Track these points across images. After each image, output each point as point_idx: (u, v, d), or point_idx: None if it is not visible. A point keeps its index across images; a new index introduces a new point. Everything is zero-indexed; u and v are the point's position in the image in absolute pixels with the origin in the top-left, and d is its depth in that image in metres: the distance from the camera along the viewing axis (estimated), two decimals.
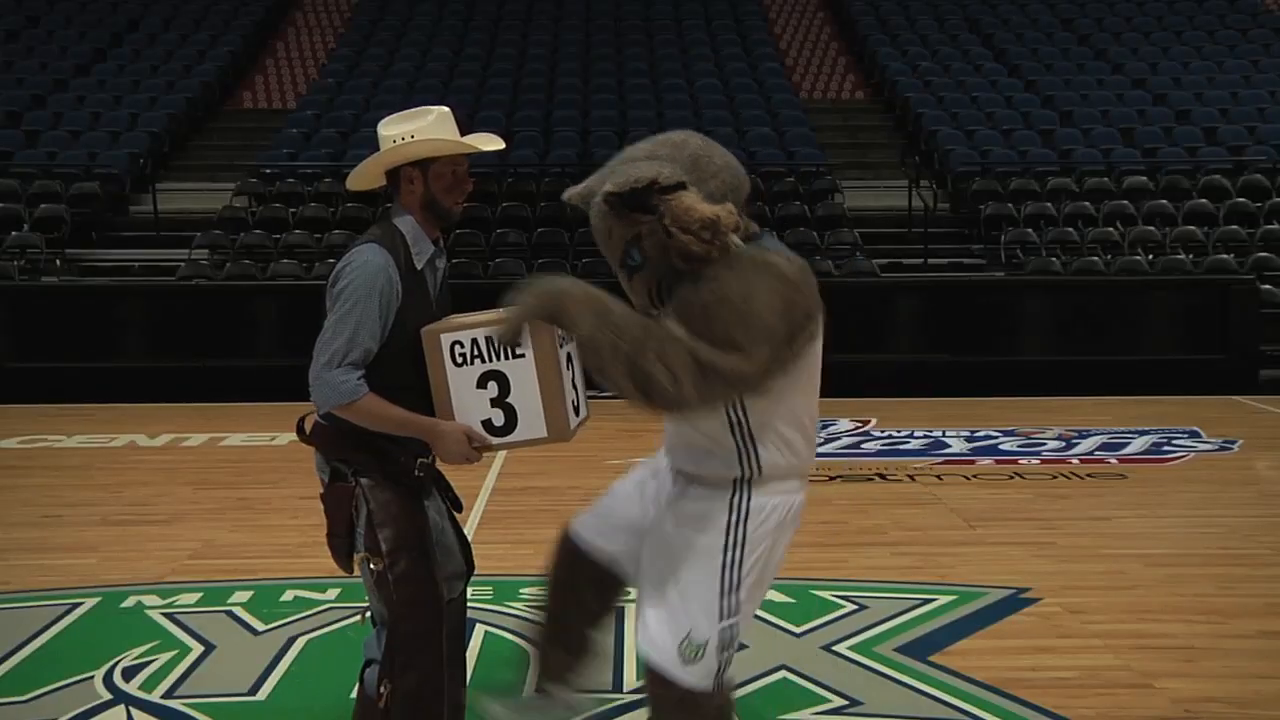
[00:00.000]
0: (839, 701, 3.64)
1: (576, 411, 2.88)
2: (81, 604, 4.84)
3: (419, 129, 2.90)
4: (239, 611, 4.73)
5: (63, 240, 13.40)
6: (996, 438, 8.60)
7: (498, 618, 4.63)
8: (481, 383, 2.78)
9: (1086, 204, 13.94)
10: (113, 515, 6.55)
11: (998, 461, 7.87)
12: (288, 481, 7.44)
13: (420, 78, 17.99)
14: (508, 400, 2.78)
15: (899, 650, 4.28)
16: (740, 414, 2.60)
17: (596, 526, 2.96)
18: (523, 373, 2.76)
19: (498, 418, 2.79)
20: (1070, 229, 13.54)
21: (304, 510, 6.49)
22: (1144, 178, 14.49)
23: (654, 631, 2.66)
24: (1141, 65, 18.20)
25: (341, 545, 2.99)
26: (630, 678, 4.01)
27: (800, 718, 3.67)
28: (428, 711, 2.90)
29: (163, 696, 3.85)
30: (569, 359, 2.82)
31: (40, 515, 6.54)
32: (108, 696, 3.85)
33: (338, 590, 4.91)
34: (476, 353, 2.78)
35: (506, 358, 2.76)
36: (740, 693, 3.85)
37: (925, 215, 13.72)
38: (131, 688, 3.92)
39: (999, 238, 13.42)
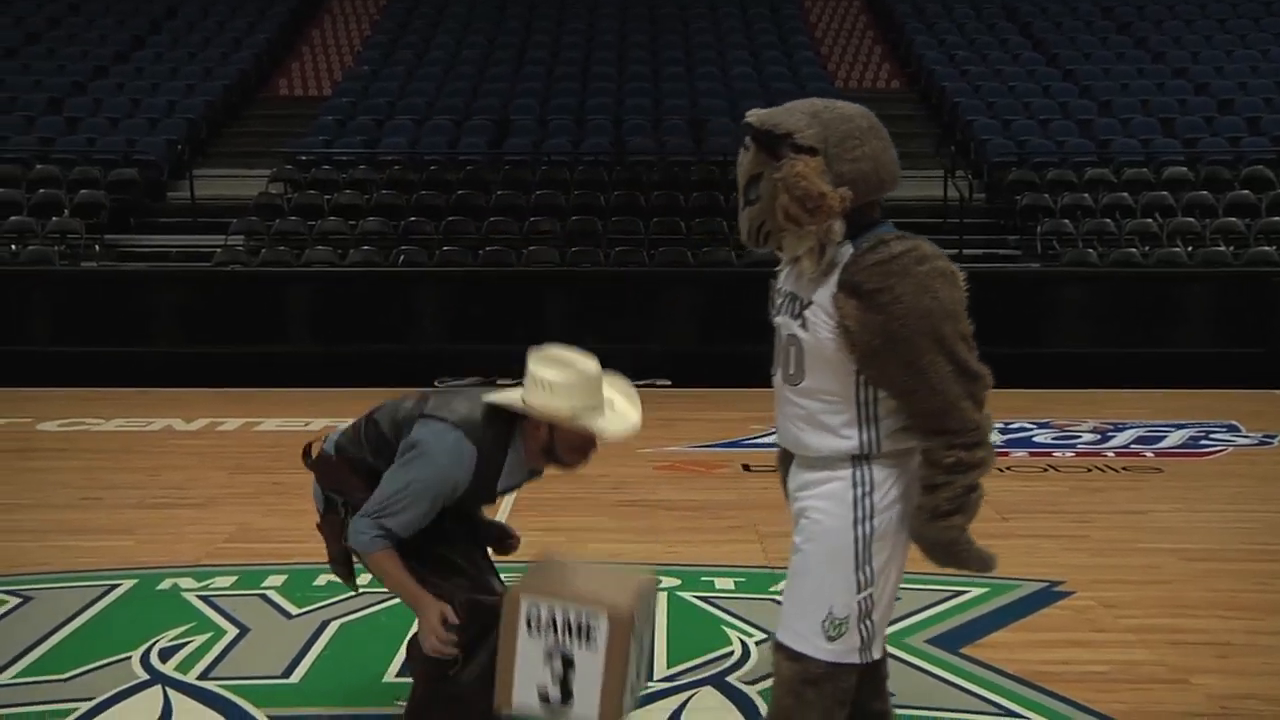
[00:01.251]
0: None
1: (633, 692, 2.91)
2: (119, 585, 4.91)
3: (560, 383, 2.89)
4: (273, 595, 4.78)
5: (102, 226, 13.54)
6: (1030, 430, 8.54)
7: None
8: (548, 657, 2.81)
9: (1125, 195, 13.79)
10: (150, 498, 6.62)
11: (1031, 454, 7.82)
12: None
13: (455, 65, 18.03)
14: (568, 682, 2.81)
15: (930, 642, 4.27)
16: (865, 391, 2.61)
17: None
18: (590, 664, 2.78)
19: (554, 693, 2.82)
20: (1108, 220, 13.40)
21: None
22: (1184, 168, 14.32)
23: (795, 613, 2.69)
24: (1183, 54, 17.96)
25: (341, 570, 3.11)
26: (660, 665, 4.02)
27: None
28: (475, 704, 2.93)
29: (198, 678, 3.90)
30: (638, 649, 2.87)
31: (79, 497, 6.62)
32: (145, 677, 3.90)
33: (370, 575, 4.94)
34: (552, 627, 2.79)
35: (579, 643, 2.78)
36: (771, 684, 3.86)
37: (961, 206, 13.63)
38: (168, 669, 3.97)
39: (1035, 229, 13.30)
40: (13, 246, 13.00)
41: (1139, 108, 16.10)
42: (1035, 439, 8.28)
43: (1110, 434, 8.47)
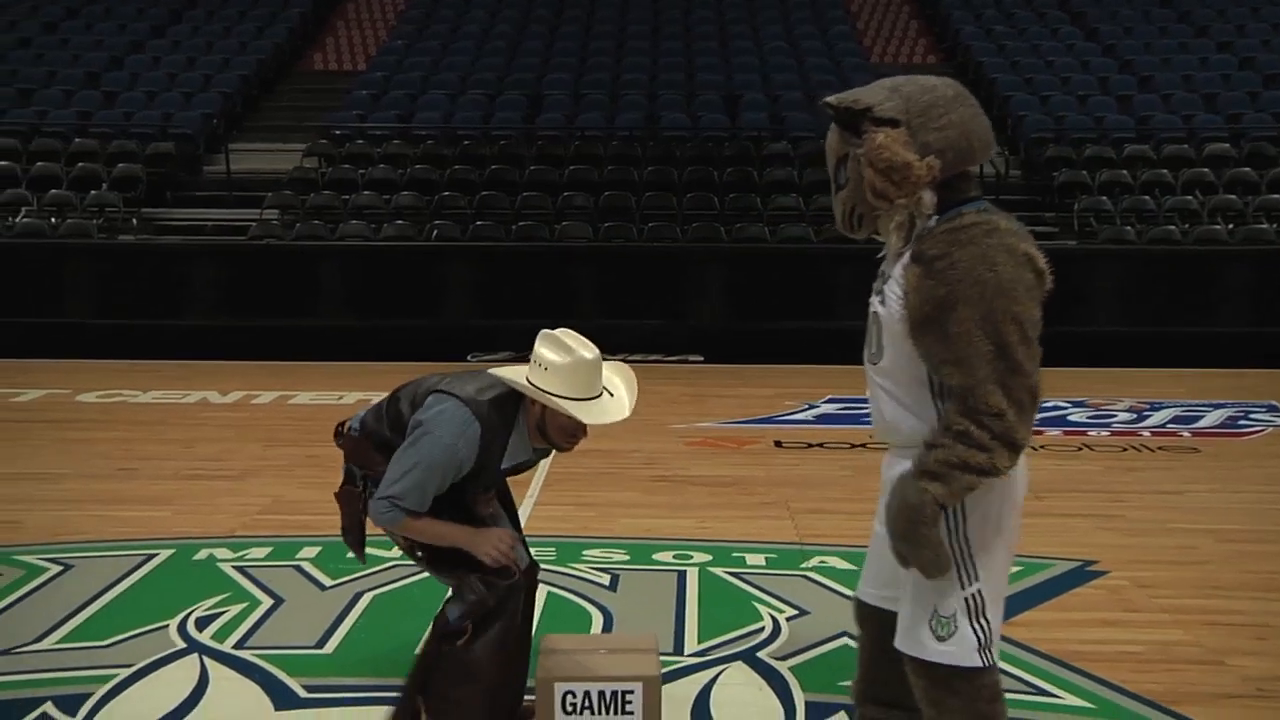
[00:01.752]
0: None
1: None
2: (156, 555, 4.97)
3: (555, 365, 2.91)
4: (307, 566, 4.82)
5: (139, 199, 13.65)
6: (1066, 409, 8.48)
7: (560, 578, 4.67)
8: None
9: (1164, 171, 13.62)
10: (186, 470, 6.70)
11: (1066, 433, 7.77)
12: None
13: (488, 40, 18.00)
14: None
15: None
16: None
17: (865, 577, 2.94)
18: None
19: None
20: (1147, 197, 13.24)
21: None
22: (1226, 144, 14.11)
23: (906, 617, 2.63)
24: (1228, 28, 17.67)
25: (353, 539, 3.22)
26: (691, 640, 4.04)
27: None
28: (484, 675, 2.95)
29: (234, 647, 3.95)
30: None
31: (117, 468, 6.71)
32: (182, 645, 3.96)
33: (399, 550, 4.98)
34: (587, 704, 2.94)
35: (616, 713, 2.93)
36: (801, 659, 3.87)
37: (997, 182, 13.50)
38: (204, 637, 4.03)
39: (1072, 206, 13.17)
40: (53, 220, 13.13)
41: (1181, 83, 15.87)
42: (1070, 418, 8.22)
43: (1146, 413, 8.40)
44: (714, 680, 3.69)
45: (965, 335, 2.41)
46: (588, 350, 2.95)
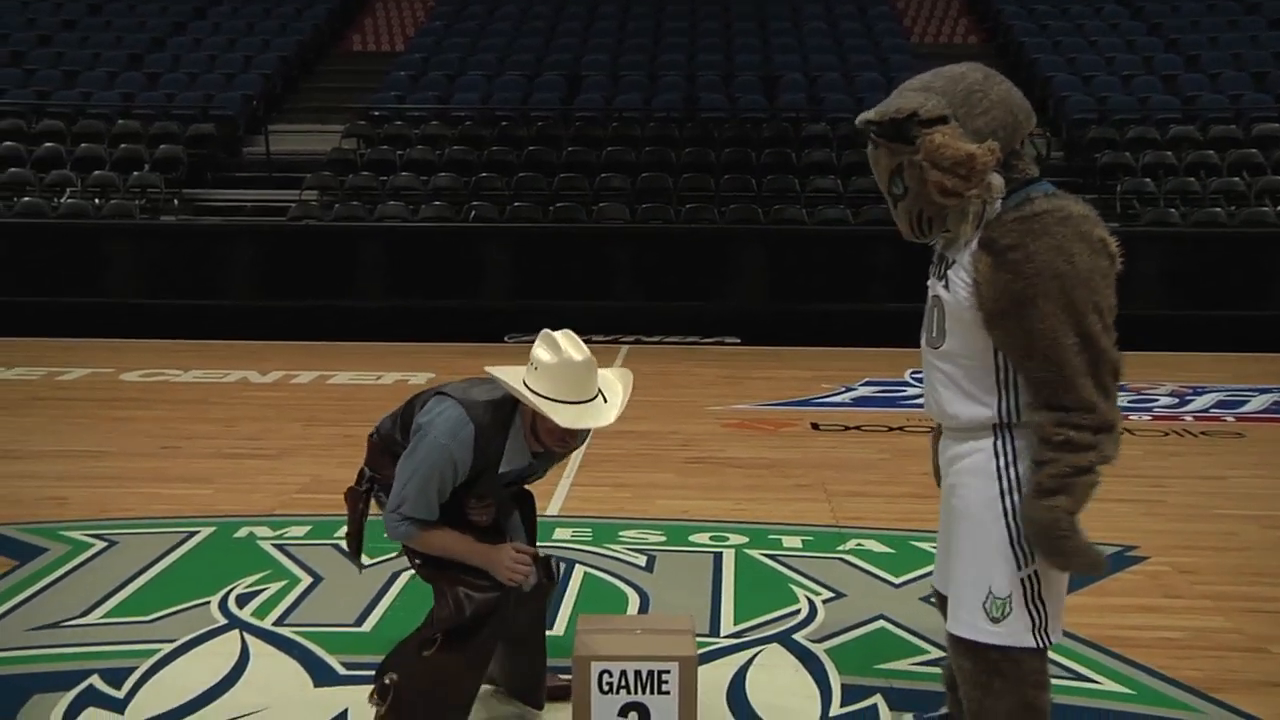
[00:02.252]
0: (937, 653, 3.62)
1: None
2: (198, 532, 5.03)
3: (544, 365, 2.87)
4: (345, 546, 4.83)
5: (180, 180, 13.77)
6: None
7: (596, 559, 4.69)
8: (623, 712, 2.93)
9: (1210, 153, 13.42)
10: (226, 448, 6.77)
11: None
12: None
13: (526, 20, 17.98)
14: None
15: None
16: (1003, 359, 2.54)
17: (937, 565, 2.96)
18: (665, 709, 2.92)
19: None
20: (1192, 179, 13.06)
21: None
22: (1276, 124, 13.87)
23: (957, 600, 2.64)
24: (1279, 4, 17.34)
25: (353, 544, 3.27)
26: (727, 622, 4.04)
27: (898, 667, 3.66)
28: (448, 689, 2.97)
29: (274, 624, 3.99)
30: None
31: (159, 446, 6.79)
32: (223, 621, 4.01)
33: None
34: (623, 683, 2.92)
35: (652, 692, 2.91)
36: (838, 641, 3.87)
37: (1039, 162, 13.33)
38: (245, 614, 4.08)
39: (1115, 188, 13.02)
40: (96, 200, 13.28)
41: (1230, 61, 15.61)
42: None
43: (1189, 398, 8.31)
44: (750, 662, 3.70)
45: (1049, 331, 2.42)
46: (578, 353, 2.88)
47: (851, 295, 11.71)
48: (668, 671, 2.89)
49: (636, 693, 2.90)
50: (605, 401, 2.96)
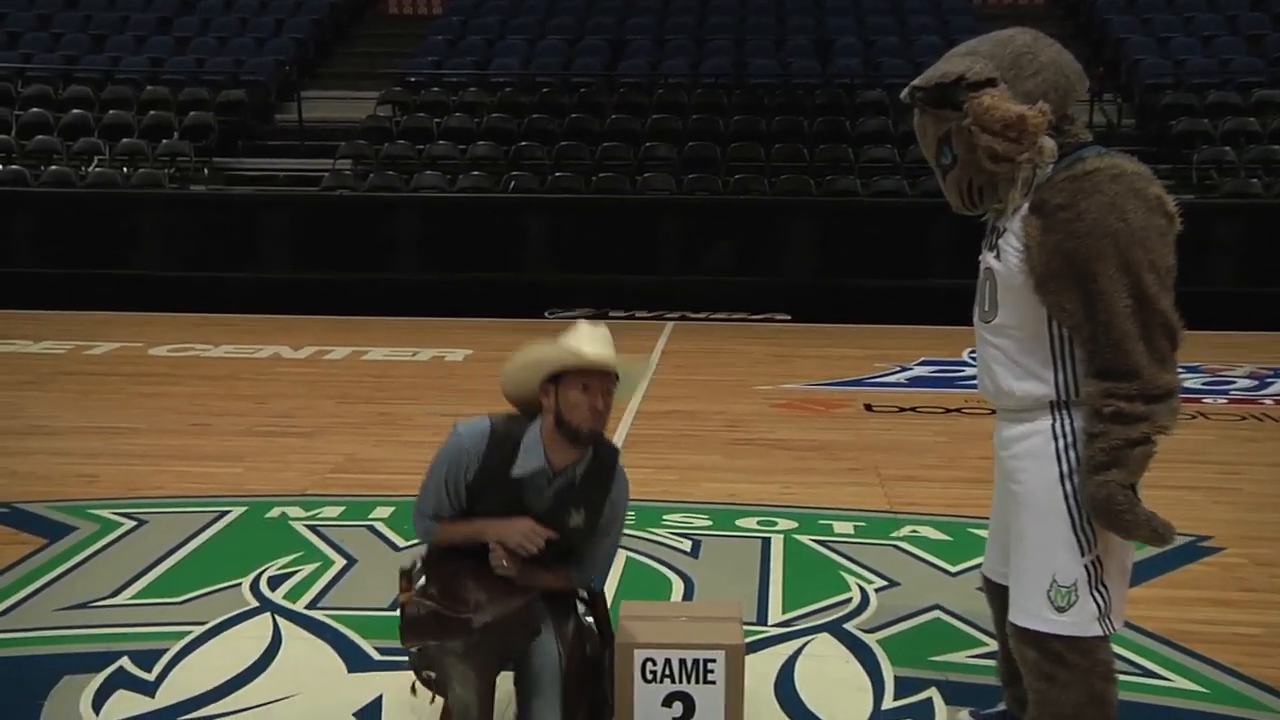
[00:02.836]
0: (994, 645, 3.60)
1: None
2: (229, 512, 5.10)
3: (563, 338, 2.90)
4: (380, 527, 4.91)
5: (211, 149, 13.90)
6: (1180, 374, 8.29)
7: (639, 543, 4.70)
8: (667, 701, 2.93)
9: None
10: (258, 426, 6.85)
11: (1181, 399, 7.59)
12: (428, 398, 7.68)
13: None
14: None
15: None
16: (1058, 325, 2.52)
17: (988, 553, 2.96)
18: (711, 699, 2.92)
19: None
20: (1276, 147, 12.82)
21: (444, 428, 6.66)
22: None
23: (1019, 588, 2.63)
24: None
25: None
26: (775, 610, 4.05)
27: (953, 659, 3.65)
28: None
29: (306, 607, 4.04)
30: None
31: (189, 423, 6.88)
32: (254, 604, 4.06)
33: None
34: (668, 672, 2.92)
35: (697, 681, 2.91)
36: (891, 632, 3.86)
37: (1108, 132, 13.18)
38: (277, 596, 4.13)
39: (1191, 157, 12.81)
40: (124, 169, 13.44)
41: None
42: (1184, 384, 8.04)
43: (1269, 380, 8.18)
44: (798, 652, 3.70)
45: (1101, 292, 2.40)
46: (595, 324, 2.94)
47: (908, 270, 11.63)
48: (713, 660, 2.90)
49: (681, 682, 2.91)
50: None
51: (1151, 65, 14.48)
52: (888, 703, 3.39)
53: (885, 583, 4.33)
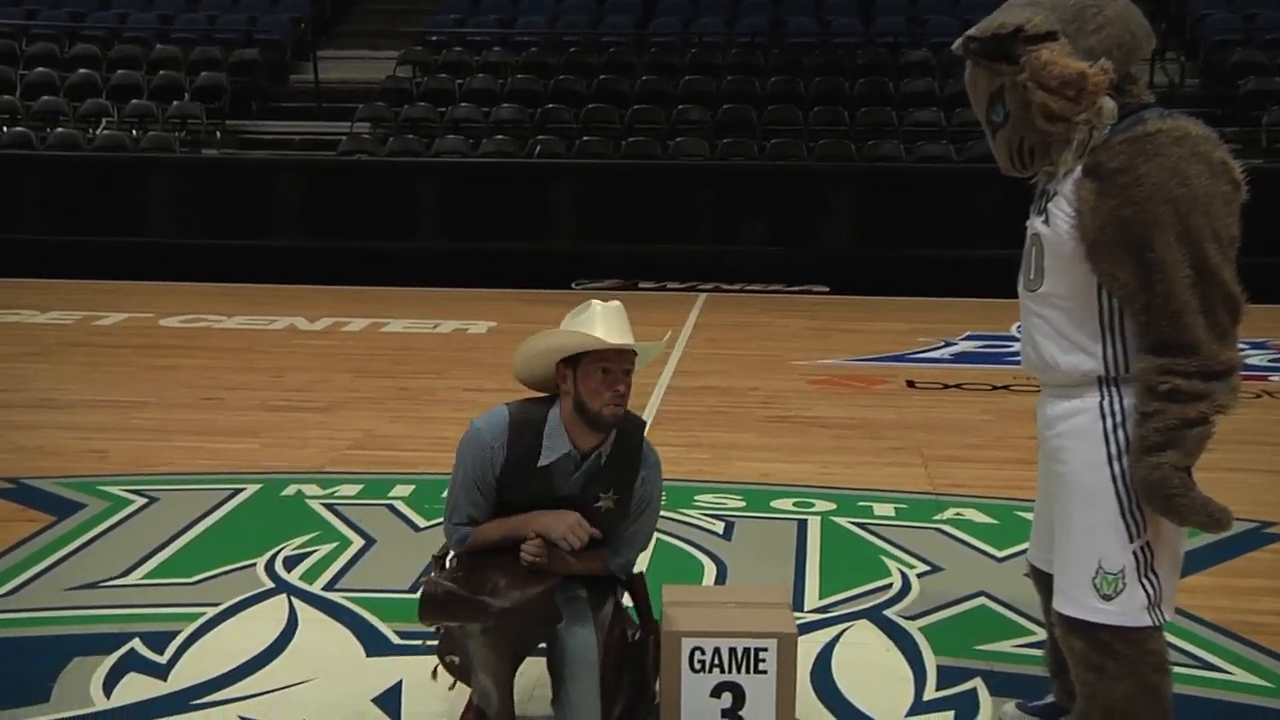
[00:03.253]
0: (1042, 634, 3.59)
1: None
2: (243, 490, 5.14)
3: (575, 322, 2.91)
4: (400, 506, 4.94)
5: (223, 111, 13.95)
6: (1243, 349, 8.18)
7: (669, 525, 4.70)
8: (716, 692, 2.92)
9: None
10: (273, 400, 6.90)
11: (1243, 377, 7.51)
12: (450, 372, 7.70)
13: None
14: (740, 714, 2.92)
15: None
16: (1108, 295, 2.50)
17: (1033, 538, 2.96)
18: (762, 689, 2.91)
19: None
20: None
21: (467, 404, 6.71)
22: None
23: (1064, 575, 2.62)
24: None
25: None
26: (812, 596, 4.05)
27: (999, 649, 3.64)
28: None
29: (324, 588, 4.07)
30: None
31: (201, 398, 6.94)
32: (270, 585, 4.10)
33: None
34: (716, 661, 2.91)
35: (748, 671, 2.90)
36: (933, 619, 3.85)
37: (1170, 92, 13.03)
38: (293, 577, 4.16)
39: (1260, 118, 12.65)
40: (133, 132, 13.51)
41: None
42: (1249, 360, 7.96)
43: None
44: (836, 639, 3.70)
45: (1159, 262, 2.37)
46: (608, 302, 2.94)
47: (953, 240, 11.56)
48: (765, 649, 2.89)
49: (730, 672, 2.90)
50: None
51: (1219, 20, 14.30)
52: (929, 693, 3.38)
53: (927, 568, 4.32)
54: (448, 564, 3.04)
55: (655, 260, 11.70)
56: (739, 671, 2.90)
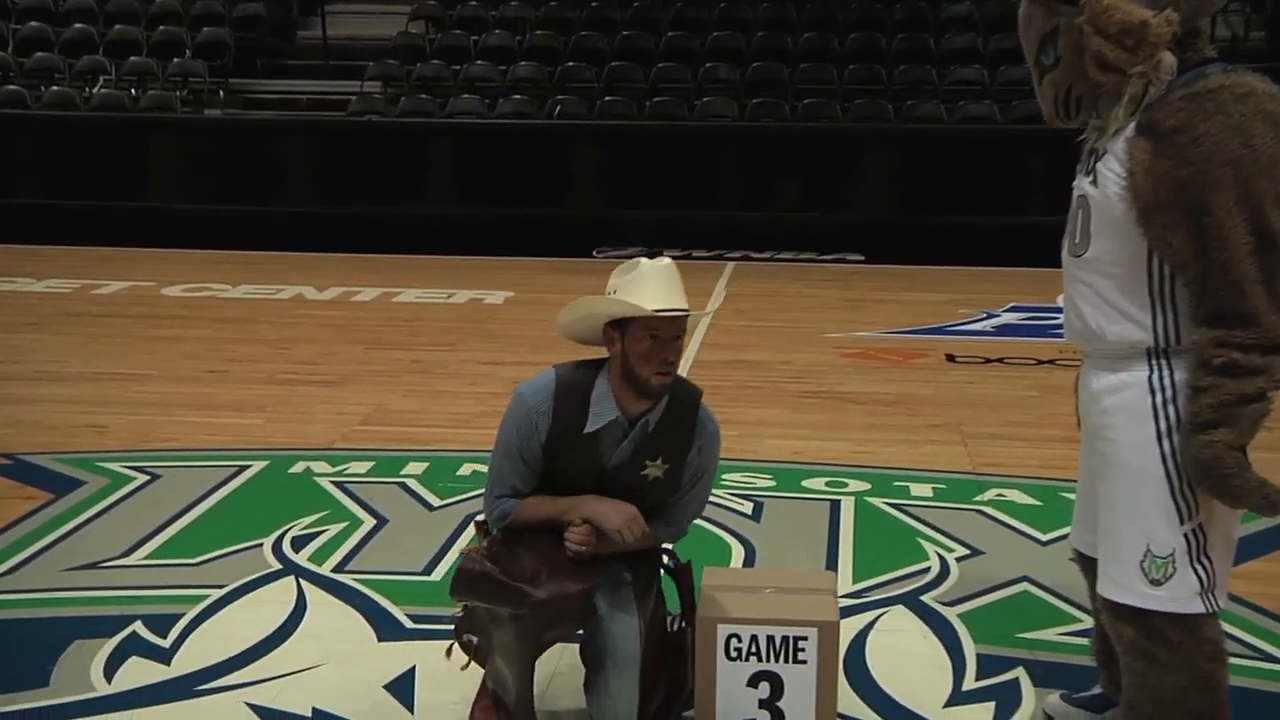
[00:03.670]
0: (1088, 622, 3.58)
1: None
2: (249, 467, 5.17)
3: (623, 282, 2.88)
4: (413, 484, 4.96)
5: (227, 69, 13.95)
6: None
7: None
8: (753, 681, 2.91)
9: None
10: (280, 373, 6.93)
11: None
12: (465, 344, 7.72)
13: None
14: (779, 705, 2.91)
15: None
16: (1158, 261, 2.47)
17: (1076, 520, 2.97)
18: (801, 680, 2.90)
19: (763, 717, 2.92)
20: None
21: (483, 377, 6.74)
22: None
23: (1109, 559, 2.62)
24: None
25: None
26: (845, 580, 4.05)
27: (1042, 637, 3.64)
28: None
29: (333, 570, 4.10)
30: None
31: (204, 370, 6.97)
32: (277, 566, 4.13)
33: None
34: (754, 650, 2.90)
35: (787, 661, 2.89)
36: (973, 605, 3.86)
37: (1232, 47, 12.89)
38: (301, 559, 4.19)
39: None
40: (132, 91, 13.53)
41: None
42: None
43: None
44: (870, 626, 3.71)
45: (1217, 227, 2.34)
46: (657, 260, 2.92)
47: (996, 206, 11.49)
48: (805, 638, 2.88)
49: (768, 661, 2.90)
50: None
51: None
52: (969, 683, 3.39)
53: (967, 551, 4.32)
54: (488, 541, 3.03)
55: (680, 227, 11.67)
56: (777, 661, 2.89)
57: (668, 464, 2.99)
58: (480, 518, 3.11)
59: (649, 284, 2.86)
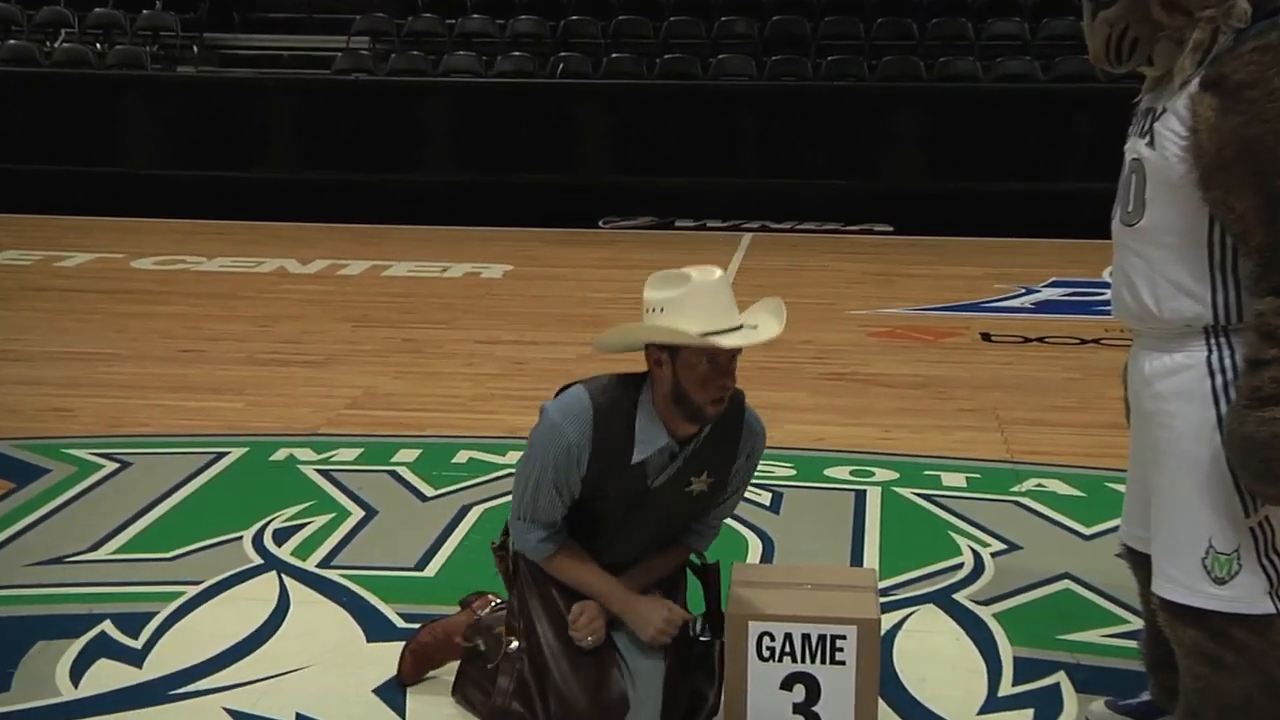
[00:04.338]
0: (1136, 623, 3.59)
1: None
2: (228, 454, 5.18)
3: (670, 300, 2.81)
4: (404, 473, 4.97)
5: (201, 22, 13.93)
6: None
7: None
8: (787, 684, 2.90)
9: None
10: (260, 353, 6.93)
11: None
12: (461, 321, 7.72)
13: None
14: (814, 709, 2.90)
15: None
16: (1220, 230, 2.45)
17: (1126, 514, 2.96)
18: (839, 682, 2.89)
19: None
20: None
21: (479, 357, 6.74)
22: None
23: (1166, 556, 2.60)
24: None
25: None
26: None
27: (1084, 639, 3.64)
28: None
29: (318, 565, 4.10)
30: None
31: (179, 350, 6.98)
32: (258, 561, 4.13)
33: (517, 453, 5.07)
34: (788, 650, 2.89)
35: (823, 662, 2.88)
36: (1010, 604, 3.86)
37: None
38: (283, 553, 4.19)
39: None
40: (98, 45, 13.51)
41: None
42: None
43: None
44: (899, 626, 3.71)
45: None
46: (706, 273, 2.86)
47: (1037, 172, 11.47)
48: (843, 637, 2.88)
49: (803, 661, 2.89)
50: (755, 329, 2.94)
51: None
52: (1005, 688, 3.39)
53: (1004, 546, 4.32)
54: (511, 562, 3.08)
55: (694, 195, 11.66)
56: (813, 661, 2.89)
57: (713, 478, 2.98)
58: (496, 543, 3.14)
59: (701, 302, 2.82)
